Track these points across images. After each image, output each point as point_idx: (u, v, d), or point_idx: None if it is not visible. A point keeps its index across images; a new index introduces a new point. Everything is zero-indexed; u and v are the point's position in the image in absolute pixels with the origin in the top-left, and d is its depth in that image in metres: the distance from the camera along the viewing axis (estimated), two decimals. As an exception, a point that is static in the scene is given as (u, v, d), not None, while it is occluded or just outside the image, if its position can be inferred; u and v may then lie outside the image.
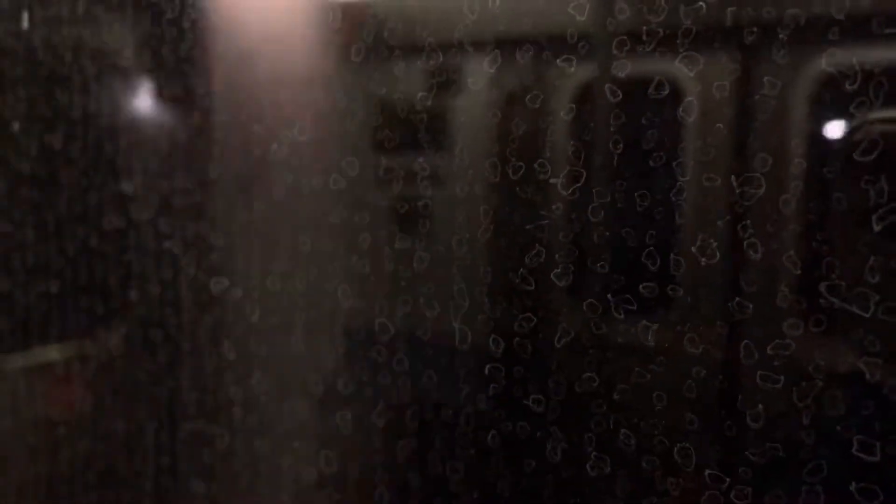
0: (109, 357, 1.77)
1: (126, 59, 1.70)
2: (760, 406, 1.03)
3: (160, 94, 1.62)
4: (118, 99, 1.68)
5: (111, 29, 1.69)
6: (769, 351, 1.02)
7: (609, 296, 1.12)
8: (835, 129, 1.01)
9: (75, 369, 1.80)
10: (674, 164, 1.09)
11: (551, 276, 1.17)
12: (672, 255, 1.08)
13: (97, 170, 1.68)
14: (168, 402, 1.65)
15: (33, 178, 1.78)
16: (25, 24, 1.69)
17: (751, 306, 1.03)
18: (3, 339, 1.80)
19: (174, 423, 1.65)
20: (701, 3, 1.01)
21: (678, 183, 1.08)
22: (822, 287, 0.99)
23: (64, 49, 1.68)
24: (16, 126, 1.73)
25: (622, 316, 1.11)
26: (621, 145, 1.12)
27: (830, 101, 1.03)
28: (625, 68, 1.11)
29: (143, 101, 1.66)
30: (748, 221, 1.03)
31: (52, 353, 1.79)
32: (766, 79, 1.03)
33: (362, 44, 1.37)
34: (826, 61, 0.98)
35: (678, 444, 1.07)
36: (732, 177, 1.03)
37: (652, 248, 1.08)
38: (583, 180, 1.14)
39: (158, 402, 1.67)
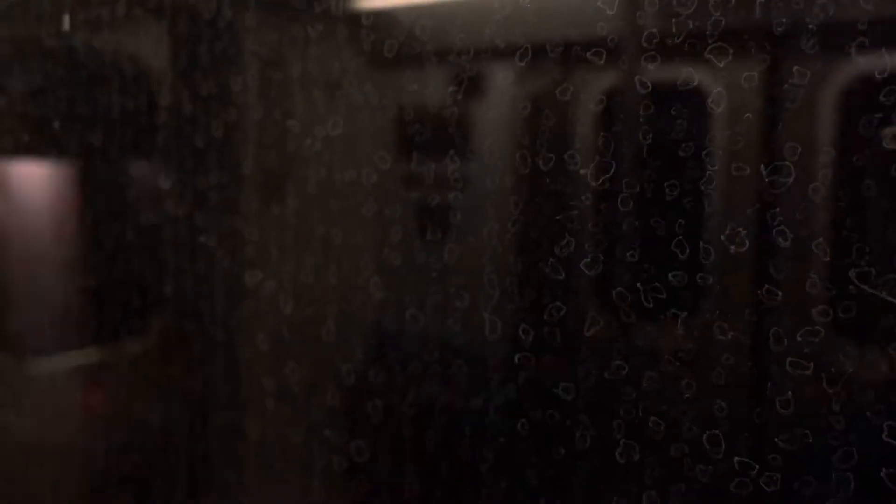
0: (145, 353, 1.81)
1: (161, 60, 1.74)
2: (790, 393, 1.03)
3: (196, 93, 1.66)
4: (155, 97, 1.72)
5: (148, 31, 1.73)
6: (798, 338, 1.03)
7: (638, 284, 1.13)
8: (865, 119, 1.02)
9: (112, 368, 1.84)
10: (703, 153, 1.10)
11: (581, 265, 1.19)
12: (701, 244, 1.09)
13: (134, 167, 1.73)
14: (202, 393, 1.69)
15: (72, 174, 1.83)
16: (66, 26, 1.74)
17: (780, 293, 1.04)
18: (41, 342, 1.85)
19: (208, 414, 1.69)
20: (730, -7, 1.02)
21: (707, 172, 1.10)
22: (852, 274, 1.00)
23: (103, 51, 1.73)
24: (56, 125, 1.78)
25: (651, 304, 1.12)
26: (650, 136, 1.13)
27: (860, 90, 1.03)
28: (654, 60, 1.12)
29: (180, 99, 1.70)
30: (777, 209, 1.04)
31: (89, 355, 1.83)
32: (795, 68, 1.04)
33: (394, 43, 1.40)
34: (856, 51, 0.99)
35: (707, 432, 1.08)
36: (762, 166, 1.04)
37: (681, 237, 1.09)
38: (612, 171, 1.16)
39: (193, 393, 1.70)
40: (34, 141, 1.83)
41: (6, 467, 1.85)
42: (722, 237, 1.07)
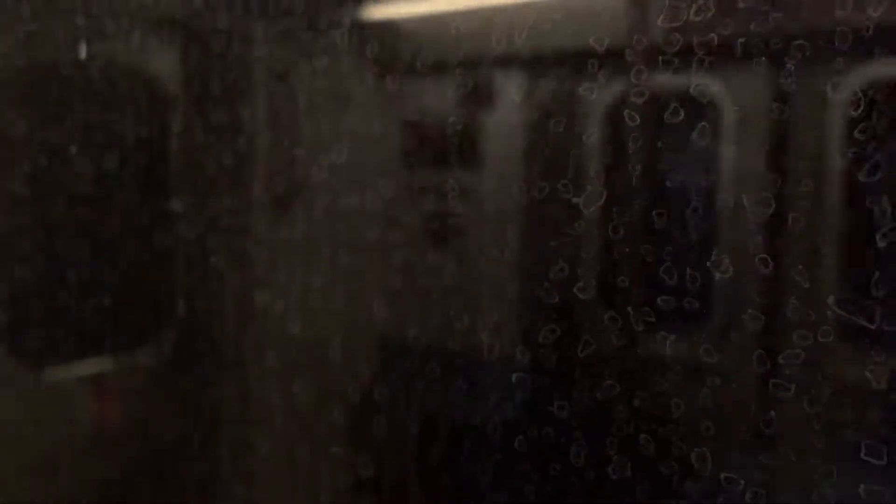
0: (158, 367, 1.86)
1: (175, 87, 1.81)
2: (773, 412, 1.08)
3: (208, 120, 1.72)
4: (169, 124, 1.78)
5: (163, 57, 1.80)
6: (780, 360, 1.08)
7: (629, 308, 1.18)
8: (840, 151, 1.08)
9: (125, 379, 1.89)
10: (689, 183, 1.15)
11: (574, 289, 1.24)
12: (688, 270, 1.14)
13: (148, 190, 1.79)
14: (213, 409, 1.74)
15: (88, 197, 1.89)
16: (83, 54, 1.80)
17: (763, 318, 1.09)
18: (57, 351, 1.90)
19: (218, 429, 1.74)
20: (713, 34, 1.08)
21: (693, 202, 1.15)
22: (831, 300, 1.05)
23: (118, 77, 1.80)
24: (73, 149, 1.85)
25: (641, 327, 1.17)
26: (639, 166, 1.19)
27: (836, 123, 1.09)
28: (643, 93, 1.18)
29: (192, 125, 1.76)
30: (759, 238, 1.09)
31: (104, 364, 1.88)
32: (776, 104, 1.09)
33: (396, 65, 1.45)
34: (831, 86, 1.05)
35: (695, 449, 1.12)
36: (744, 196, 1.10)
37: (669, 263, 1.14)
38: (603, 199, 1.21)
39: (203, 409, 1.76)
40: (53, 166, 1.90)
41: (19, 475, 1.90)
42: (708, 264, 1.12)
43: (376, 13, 1.58)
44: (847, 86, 1.03)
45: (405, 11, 1.58)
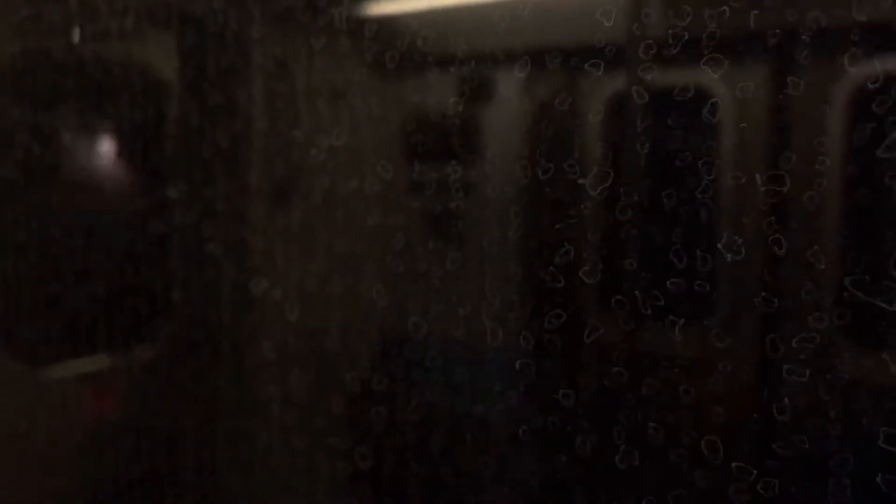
0: (155, 358, 1.83)
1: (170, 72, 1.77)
2: (786, 399, 1.05)
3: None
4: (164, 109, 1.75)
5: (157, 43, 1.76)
6: (795, 345, 1.04)
7: (637, 292, 1.14)
8: (858, 128, 1.04)
9: (121, 374, 1.86)
10: (699, 163, 1.11)
11: (580, 273, 1.21)
12: (699, 252, 1.10)
13: (143, 177, 1.75)
14: (209, 400, 1.71)
15: (82, 185, 1.86)
16: (76, 38, 1.77)
17: (776, 301, 1.06)
18: (52, 348, 1.87)
19: (216, 420, 1.71)
20: (725, 7, 1.04)
21: (704, 182, 1.11)
22: (847, 281, 1.01)
23: (112, 61, 1.76)
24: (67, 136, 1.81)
25: (650, 312, 1.14)
26: (648, 146, 1.15)
27: (854, 99, 1.05)
28: (651, 71, 1.14)
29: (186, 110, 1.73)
30: (773, 218, 1.05)
31: (99, 361, 1.85)
32: (789, 79, 1.06)
33: (396, 53, 1.42)
34: (848, 62, 1.01)
35: (706, 437, 1.09)
36: (757, 175, 1.06)
37: (678, 245, 1.11)
38: (610, 180, 1.17)
39: (200, 400, 1.72)
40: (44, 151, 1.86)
41: (18, 473, 1.88)
42: (719, 245, 1.09)
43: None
44: (863, 58, 1.00)
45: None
